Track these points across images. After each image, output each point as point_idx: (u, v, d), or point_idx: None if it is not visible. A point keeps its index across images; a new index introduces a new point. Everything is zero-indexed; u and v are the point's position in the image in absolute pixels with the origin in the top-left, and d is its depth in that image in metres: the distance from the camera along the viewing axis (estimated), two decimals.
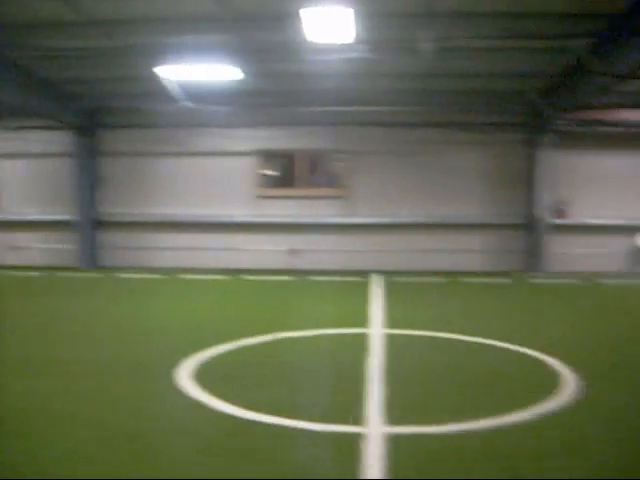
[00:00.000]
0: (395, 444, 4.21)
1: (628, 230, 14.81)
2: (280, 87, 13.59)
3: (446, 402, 5.16)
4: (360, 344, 7.16)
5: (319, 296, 11.17)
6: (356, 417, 4.70)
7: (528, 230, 14.86)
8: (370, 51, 9.58)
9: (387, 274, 13.99)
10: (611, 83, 10.34)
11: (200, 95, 13.55)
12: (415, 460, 3.96)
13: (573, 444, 4.27)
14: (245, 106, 14.30)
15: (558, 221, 14.81)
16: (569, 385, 5.57)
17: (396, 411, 4.85)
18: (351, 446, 4.16)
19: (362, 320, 8.67)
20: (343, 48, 9.61)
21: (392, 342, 7.32)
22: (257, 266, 14.80)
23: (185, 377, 5.75)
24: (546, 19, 9.45)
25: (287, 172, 15.49)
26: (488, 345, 7.24)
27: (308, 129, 14.63)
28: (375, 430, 4.46)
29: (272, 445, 4.20)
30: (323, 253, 14.93)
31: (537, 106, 13.76)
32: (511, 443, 4.26)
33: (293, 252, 14.97)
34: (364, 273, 14.06)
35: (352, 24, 8.55)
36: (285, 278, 13.48)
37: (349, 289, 12.16)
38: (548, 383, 5.65)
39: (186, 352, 6.60)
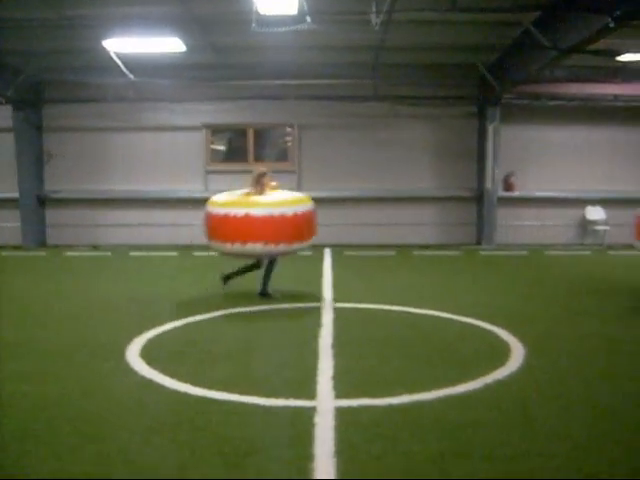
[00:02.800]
0: (346, 416, 4.23)
1: (577, 202, 15.10)
2: (228, 60, 13.41)
3: (396, 374, 5.20)
4: (311, 319, 7.17)
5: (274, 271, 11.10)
6: (307, 391, 4.71)
7: (478, 203, 15.03)
8: (318, 23, 9.47)
9: (338, 248, 14.02)
10: (558, 57, 10.43)
11: (147, 69, 13.29)
12: (366, 431, 3.99)
13: (518, 411, 4.35)
14: (193, 80, 14.07)
15: (507, 194, 15.01)
16: (516, 355, 5.68)
17: (347, 384, 4.87)
18: (303, 420, 4.17)
19: (315, 294, 8.68)
20: (290, 20, 9.48)
21: (342, 316, 7.35)
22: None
23: (135, 355, 5.68)
24: None
25: (237, 146, 15.34)
26: (438, 317, 7.33)
27: (257, 103, 14.44)
28: (326, 403, 4.47)
29: (225, 421, 4.18)
30: None
31: (486, 79, 13.85)
32: (459, 413, 4.31)
33: None
34: (317, 247, 14.03)
35: None
36: None
37: (302, 264, 12.11)
38: (497, 353, 5.75)
39: (136, 330, 6.52)
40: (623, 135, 15.42)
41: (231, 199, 8.04)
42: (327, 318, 7.20)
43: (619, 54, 11.82)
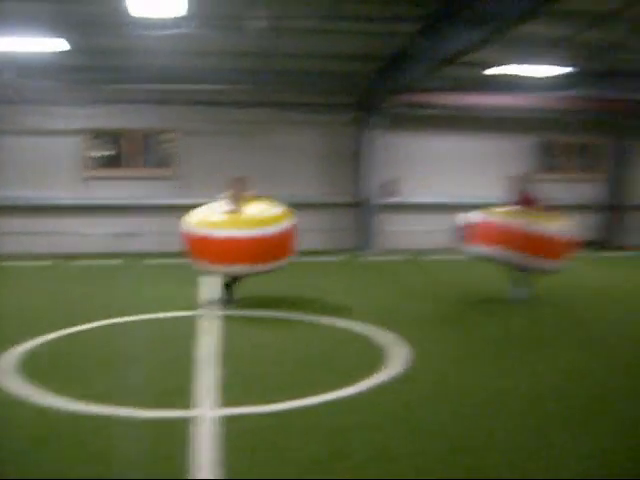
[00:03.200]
0: (227, 425, 4.14)
1: (452, 208, 15.56)
2: (106, 63, 12.95)
3: (280, 381, 5.15)
4: (193, 327, 7.02)
5: (151, 280, 10.83)
6: (188, 401, 4.59)
7: (360, 209, 15.25)
8: (198, 27, 9.32)
9: None
10: (437, 67, 10.73)
11: (23, 69, 12.65)
12: (246, 439, 3.92)
13: (400, 413, 4.40)
14: (71, 82, 13.48)
15: (389, 200, 15.30)
16: (399, 358, 5.75)
17: (229, 392, 4.79)
18: (183, 430, 4.05)
19: (195, 303, 8.51)
20: (171, 23, 9.29)
21: (224, 323, 7.24)
22: (87, 250, 14.09)
23: (6, 370, 5.36)
24: (374, 2, 9.63)
25: (116, 152, 14.87)
26: (320, 323, 7.34)
27: (137, 107, 14.06)
28: (207, 413, 4.37)
29: (98, 436, 4.00)
30: (156, 235, 14.49)
31: (369, 88, 14.09)
32: (342, 417, 4.32)
33: (124, 235, 14.42)
34: None
35: None
36: (116, 262, 12.97)
37: (184, 272, 11.86)
38: (378, 357, 5.81)
39: (7, 344, 6.15)
40: (503, 143, 16.11)
41: (214, 219, 8.09)
42: (210, 326, 7.06)
43: (495, 65, 12.33)
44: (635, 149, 16.64)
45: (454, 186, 15.61)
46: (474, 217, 9.07)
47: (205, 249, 7.87)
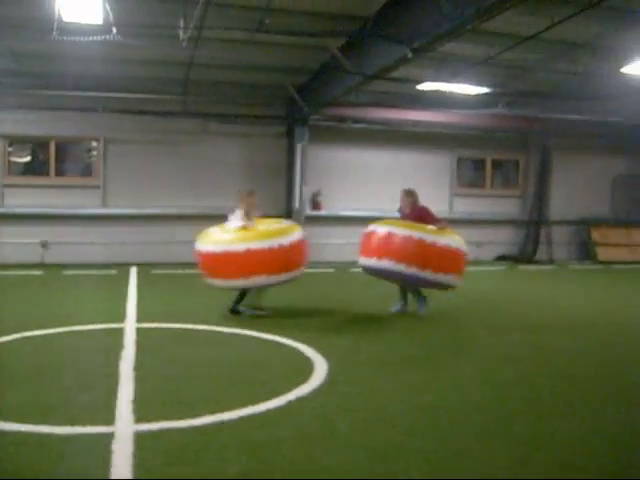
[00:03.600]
0: (145, 441, 4.09)
1: (374, 220, 15.78)
2: (30, 68, 12.68)
3: (199, 395, 5.10)
4: (112, 340, 6.89)
5: (73, 291, 10.59)
6: (105, 417, 4.50)
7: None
8: (124, 35, 9.21)
9: (145, 266, 13.66)
10: (362, 82, 10.91)
11: None
12: (165, 455, 3.87)
13: (320, 426, 4.44)
14: None
15: (315, 212, 15.42)
16: (320, 370, 5.80)
17: (147, 407, 4.72)
18: (100, 447, 3.97)
19: (117, 315, 8.35)
20: (95, 30, 9.16)
21: (145, 336, 7.13)
22: (7, 261, 13.67)
23: None
24: (300, 16, 9.74)
25: (38, 159, 14.52)
26: (244, 335, 7.32)
27: (61, 114, 13.77)
28: (124, 428, 4.29)
29: (13, 454, 3.88)
30: (79, 245, 14.19)
31: (295, 100, 14.20)
32: (262, 431, 4.32)
33: (46, 245, 14.07)
34: (123, 266, 13.62)
35: (102, 5, 8.18)
36: (37, 273, 12.64)
37: (106, 283, 11.69)
38: (300, 370, 5.83)
39: None
40: (423, 158, 16.46)
41: (230, 236, 8.24)
42: (129, 339, 6.95)
43: (418, 82, 12.61)
44: (553, 166, 17.25)
45: (374, 199, 15.84)
46: (370, 228, 8.73)
47: (223, 265, 8.02)
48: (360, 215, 15.69)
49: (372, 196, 15.83)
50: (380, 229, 8.47)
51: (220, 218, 14.74)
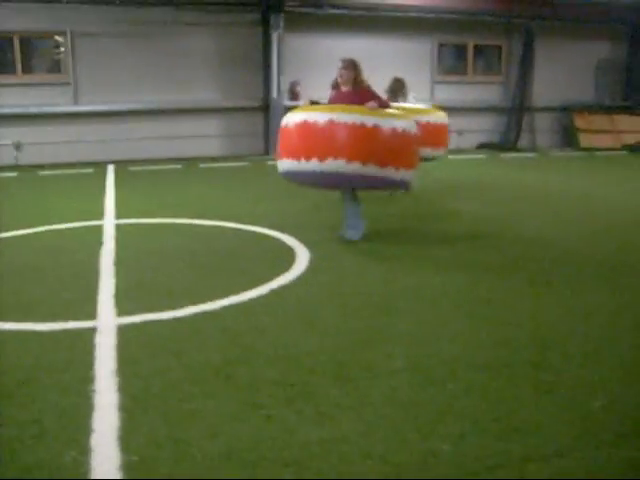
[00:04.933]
0: (128, 333, 4.07)
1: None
2: None
3: (182, 287, 5.08)
4: (92, 237, 6.79)
5: (50, 192, 10.38)
6: (87, 311, 4.47)
7: (265, 113, 14.98)
8: None
9: (121, 163, 13.42)
10: None
11: None
12: (149, 347, 3.86)
13: (301, 313, 4.43)
14: None
15: (293, 103, 15.07)
16: (301, 259, 5.77)
17: (129, 301, 4.69)
18: (82, 341, 3.95)
19: (95, 213, 8.22)
20: None
21: (125, 232, 7.05)
22: None
23: None
24: None
25: (4, 57, 13.94)
26: (225, 227, 7.26)
27: (23, 7, 13.09)
28: (107, 322, 4.27)
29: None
30: (53, 145, 13.85)
31: None
32: (244, 319, 4.31)
33: (19, 146, 13.72)
34: (99, 164, 13.36)
35: None
36: (11, 174, 12.37)
37: (83, 182, 11.49)
38: (283, 259, 5.80)
39: None
40: (403, 45, 16.01)
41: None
42: (108, 235, 6.86)
43: None
44: (536, 51, 16.84)
45: None
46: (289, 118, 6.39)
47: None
48: None
49: None
50: (318, 117, 6.06)
51: (197, 111, 14.59)
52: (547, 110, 17.51)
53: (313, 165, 5.94)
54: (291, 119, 6.30)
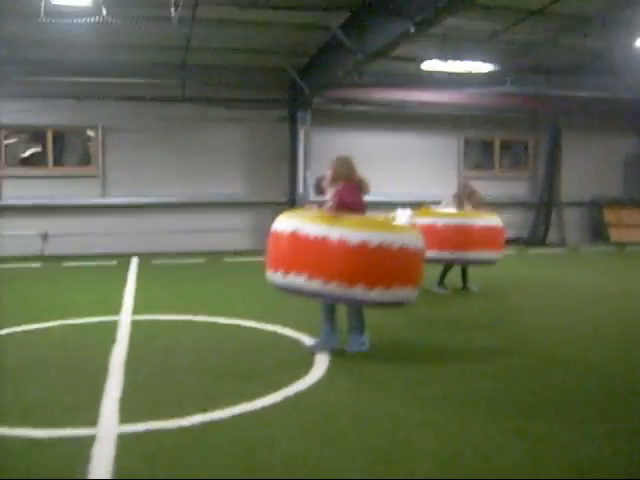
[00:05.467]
0: (128, 444, 3.78)
1: (385, 206, 15.40)
2: (20, 55, 12.30)
3: (192, 392, 4.78)
4: (106, 334, 6.57)
5: (71, 283, 10.29)
6: (88, 417, 4.19)
7: (291, 207, 14.92)
8: (114, 16, 8.88)
9: (145, 256, 13.35)
10: (363, 61, 10.51)
11: None
12: (149, 460, 3.56)
13: (317, 425, 4.11)
14: None
15: (319, 198, 14.99)
16: (320, 363, 5.46)
17: (134, 406, 4.41)
18: (79, 452, 3.66)
19: (113, 307, 8.04)
20: (84, 12, 8.83)
21: (140, 329, 6.82)
22: (6, 254, 13.35)
23: None
24: None
25: (36, 150, 14.19)
26: (242, 326, 6.98)
27: (57, 103, 13.38)
28: (107, 430, 3.98)
29: None
30: (79, 236, 13.89)
31: (296, 83, 13.80)
32: (256, 430, 4.00)
33: (46, 236, 13.78)
34: (124, 256, 13.31)
35: None
36: (35, 265, 12.35)
37: (105, 274, 11.39)
38: (299, 362, 5.49)
39: None
40: (430, 140, 16.05)
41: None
42: (123, 333, 6.64)
43: (423, 61, 12.20)
44: (563, 146, 16.77)
45: (380, 183, 15.38)
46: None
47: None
48: (367, 200, 15.28)
49: (378, 180, 15.22)
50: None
51: (224, 205, 14.60)
52: (576, 205, 17.30)
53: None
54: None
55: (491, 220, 9.07)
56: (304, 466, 3.49)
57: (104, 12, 8.65)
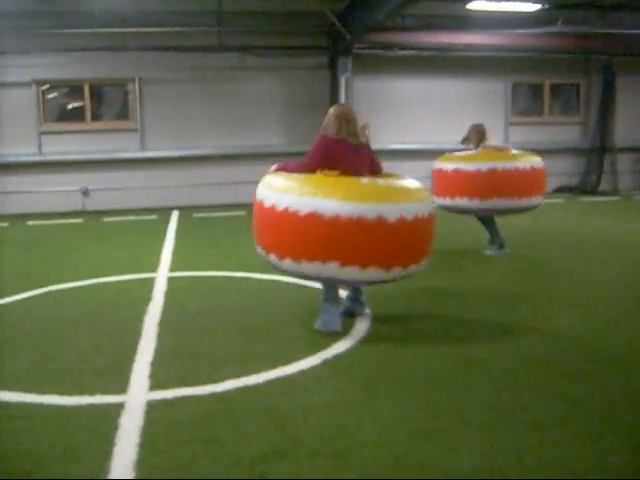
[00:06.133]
0: (157, 413, 3.60)
1: (431, 154, 14.95)
2: (52, 7, 12.06)
3: (227, 353, 4.57)
4: (141, 292, 6.42)
5: (109, 239, 10.17)
6: (118, 383, 4.03)
7: None
8: None
9: (186, 209, 13.21)
10: (404, 1, 10.00)
11: None
12: (178, 431, 3.36)
13: (354, 391, 3.88)
14: (17, 29, 12.59)
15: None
16: (362, 323, 5.21)
17: (166, 371, 4.24)
18: (106, 421, 3.49)
19: (152, 263, 7.89)
20: None
21: (177, 287, 6.65)
22: (48, 209, 13.34)
23: None
24: None
25: (73, 104, 14.03)
26: (285, 283, 6.70)
27: (92, 55, 13.13)
28: (137, 398, 3.81)
29: (12, 430, 3.44)
30: (120, 191, 13.79)
31: (336, 28, 13.30)
32: (290, 397, 3.78)
33: (86, 192, 13.72)
34: (164, 210, 13.19)
35: None
36: (76, 221, 12.31)
37: (145, 228, 11.28)
38: (343, 322, 5.23)
39: None
40: (476, 85, 15.44)
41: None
42: (159, 290, 6.47)
43: (468, 1, 11.59)
44: (617, 89, 15.96)
45: (426, 131, 14.96)
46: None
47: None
48: (411, 148, 14.86)
49: (423, 128, 14.95)
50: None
51: (263, 156, 14.31)
52: (630, 150, 16.52)
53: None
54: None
55: (533, 161, 8.06)
56: (342, 440, 3.26)
57: None
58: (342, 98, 14.02)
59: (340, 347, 4.60)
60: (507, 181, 7.65)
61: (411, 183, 4.95)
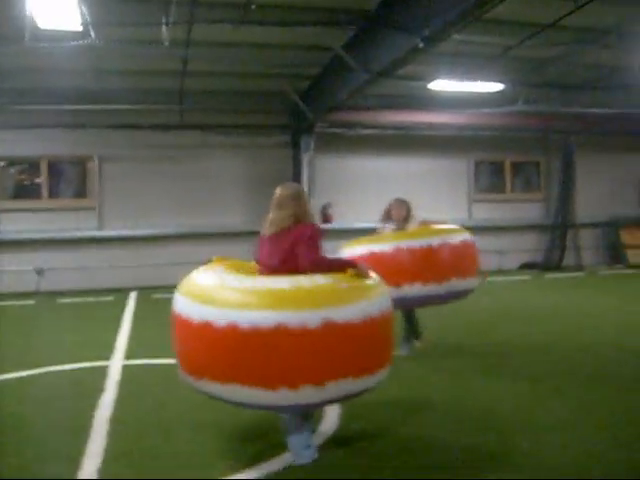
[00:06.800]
0: None
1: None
2: (10, 84, 11.82)
3: (182, 459, 4.17)
4: (93, 383, 5.97)
5: (63, 322, 9.70)
6: None
7: None
8: (105, 40, 8.39)
9: (144, 290, 12.76)
10: (368, 81, 9.97)
11: None
12: None
13: None
14: None
15: (325, 226, 14.46)
16: (330, 417, 4.86)
17: (115, 475, 3.82)
18: None
19: (105, 349, 7.44)
20: (73, 36, 8.34)
21: (132, 377, 6.22)
22: (2, 290, 12.75)
23: None
24: (294, 10, 8.88)
25: (29, 182, 13.68)
26: None
27: (49, 132, 12.82)
28: None
29: None
30: (76, 271, 13.32)
31: (298, 107, 13.29)
32: None
33: (41, 271, 13.21)
34: (122, 291, 12.73)
35: (78, 7, 7.33)
36: (29, 302, 11.78)
37: (100, 311, 10.81)
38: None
39: None
40: (439, 163, 15.52)
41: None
42: (112, 381, 6.04)
43: (430, 81, 11.66)
44: (576, 166, 16.15)
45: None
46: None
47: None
48: (374, 227, 14.67)
49: (380, 207, 14.84)
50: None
51: (225, 236, 14.02)
52: (591, 226, 16.65)
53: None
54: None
55: (462, 235, 7.02)
56: None
57: (92, 35, 8.14)
58: (305, 176, 13.94)
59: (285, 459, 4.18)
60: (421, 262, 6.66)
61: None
